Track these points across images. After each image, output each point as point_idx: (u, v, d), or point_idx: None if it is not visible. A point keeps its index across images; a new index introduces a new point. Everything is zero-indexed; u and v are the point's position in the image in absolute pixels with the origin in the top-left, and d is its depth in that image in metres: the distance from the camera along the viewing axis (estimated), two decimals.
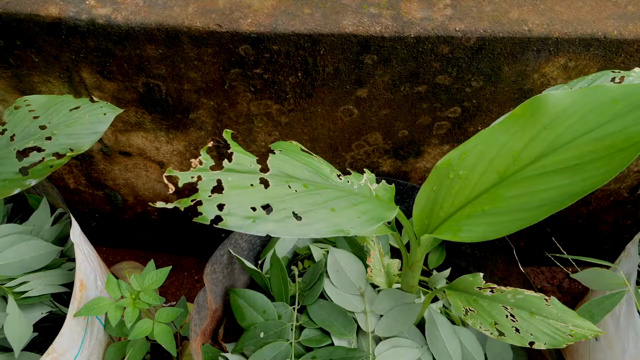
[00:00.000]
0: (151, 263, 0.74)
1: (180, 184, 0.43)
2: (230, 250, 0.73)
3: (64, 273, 0.76)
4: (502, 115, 0.73)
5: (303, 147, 0.54)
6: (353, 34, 0.64)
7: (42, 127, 0.65)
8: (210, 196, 0.43)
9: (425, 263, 0.82)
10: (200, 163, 0.44)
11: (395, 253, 0.82)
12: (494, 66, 0.67)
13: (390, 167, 0.82)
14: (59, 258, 0.78)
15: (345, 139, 0.77)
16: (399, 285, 0.74)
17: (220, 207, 0.43)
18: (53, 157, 0.64)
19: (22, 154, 0.64)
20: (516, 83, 0.70)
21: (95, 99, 0.67)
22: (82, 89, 0.73)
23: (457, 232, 0.54)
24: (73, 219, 0.72)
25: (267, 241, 0.80)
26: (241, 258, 0.74)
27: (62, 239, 0.82)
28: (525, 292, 0.61)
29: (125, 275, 1.00)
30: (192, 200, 0.42)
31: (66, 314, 0.73)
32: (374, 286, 0.75)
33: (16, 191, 0.62)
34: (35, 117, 0.65)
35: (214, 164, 0.45)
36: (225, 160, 0.45)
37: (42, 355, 0.70)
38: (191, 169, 0.44)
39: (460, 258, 0.82)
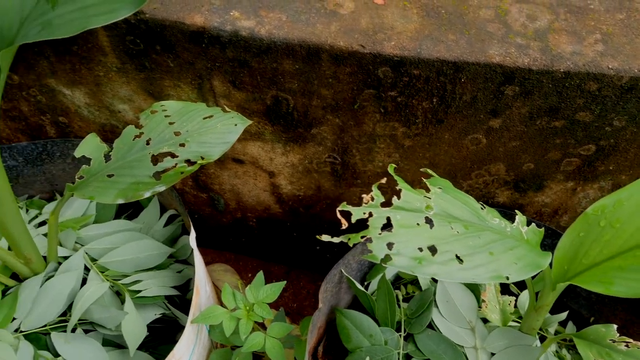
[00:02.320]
0: (260, 275, 0.74)
1: (353, 220, 0.42)
2: (342, 270, 0.72)
3: (173, 275, 0.77)
4: None
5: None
6: (499, 65, 0.61)
7: (177, 134, 0.66)
8: (380, 234, 0.42)
9: None
10: (372, 199, 0.43)
11: (504, 289, 0.79)
12: None
13: (507, 198, 0.79)
14: (167, 259, 0.79)
15: (467, 167, 0.75)
16: (512, 324, 0.72)
17: (390, 245, 0.42)
18: (185, 164, 0.64)
19: (156, 158, 0.65)
20: None
21: (227, 109, 0.68)
22: (210, 96, 0.73)
23: (609, 285, 0.51)
24: (191, 225, 0.73)
25: (375, 263, 0.79)
26: (352, 279, 0.73)
27: (172, 240, 0.83)
28: None
29: (216, 278, 1.01)
30: (362, 237, 0.41)
31: (176, 317, 0.74)
32: (484, 321, 0.73)
33: (147, 194, 0.63)
34: (170, 123, 0.66)
35: (384, 200, 0.44)
36: (395, 197, 0.44)
37: (150, 354, 0.72)
38: (363, 204, 0.43)
39: (572, 299, 0.79)
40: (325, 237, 0.42)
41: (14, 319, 0.69)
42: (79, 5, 0.47)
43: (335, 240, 0.42)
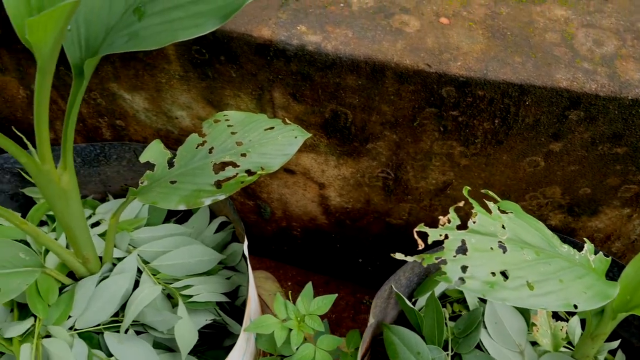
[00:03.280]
0: (309, 286, 0.74)
1: (429, 241, 0.43)
2: (393, 286, 0.72)
3: (223, 281, 0.78)
4: None
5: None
6: (566, 89, 0.61)
7: (238, 144, 0.67)
8: (455, 256, 0.42)
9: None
10: (449, 221, 0.43)
11: (553, 313, 0.79)
12: None
13: (559, 222, 0.79)
14: (216, 265, 0.80)
15: (522, 189, 0.74)
16: (563, 350, 0.71)
17: (464, 268, 0.42)
18: (245, 174, 0.65)
19: (218, 167, 0.66)
20: None
21: (287, 121, 0.69)
22: (269, 107, 0.74)
23: None
24: (245, 234, 0.74)
25: (422, 279, 0.79)
26: (402, 295, 0.73)
27: (221, 247, 0.84)
28: None
29: (257, 285, 1.02)
30: (436, 258, 0.42)
31: (226, 323, 0.75)
32: (532, 344, 0.72)
33: (207, 202, 0.64)
34: (233, 133, 0.67)
35: (459, 223, 0.44)
36: (470, 220, 0.45)
37: (198, 359, 0.73)
38: (439, 225, 0.43)
39: (622, 327, 0.78)
40: (399, 256, 0.42)
41: (69, 317, 0.71)
42: (166, 19, 0.48)
43: (409, 259, 0.42)
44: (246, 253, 0.71)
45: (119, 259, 0.76)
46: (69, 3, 0.38)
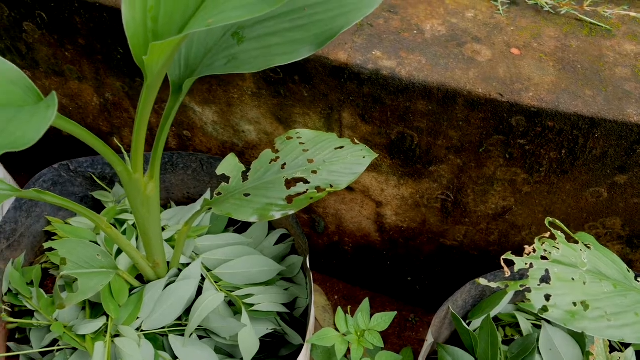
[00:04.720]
0: (366, 302, 0.76)
1: (515, 269, 0.44)
2: (450, 307, 0.74)
3: (281, 292, 0.81)
4: None
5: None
6: (637, 124, 0.62)
7: (310, 161, 0.70)
8: (539, 285, 0.43)
9: None
10: (534, 251, 0.45)
11: None
12: None
13: (616, 252, 0.79)
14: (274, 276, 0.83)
15: (582, 218, 0.75)
16: None
17: (547, 297, 0.43)
18: (314, 190, 0.68)
19: (289, 182, 0.69)
20: None
21: (356, 141, 0.71)
22: (336, 126, 0.77)
23: None
24: (307, 248, 0.76)
25: (477, 301, 0.80)
26: (459, 317, 0.74)
27: (279, 258, 0.87)
28: None
29: None
30: (521, 286, 0.43)
31: (285, 333, 0.78)
32: None
33: (278, 216, 0.66)
34: (304, 150, 0.70)
35: (543, 253, 0.46)
36: (553, 251, 0.46)
37: None
38: (524, 255, 0.45)
39: None
40: (482, 281, 0.44)
41: (137, 318, 0.74)
42: (263, 44, 0.51)
43: (493, 285, 0.44)
44: (308, 266, 0.73)
45: (184, 265, 0.79)
46: (187, 34, 0.41)
